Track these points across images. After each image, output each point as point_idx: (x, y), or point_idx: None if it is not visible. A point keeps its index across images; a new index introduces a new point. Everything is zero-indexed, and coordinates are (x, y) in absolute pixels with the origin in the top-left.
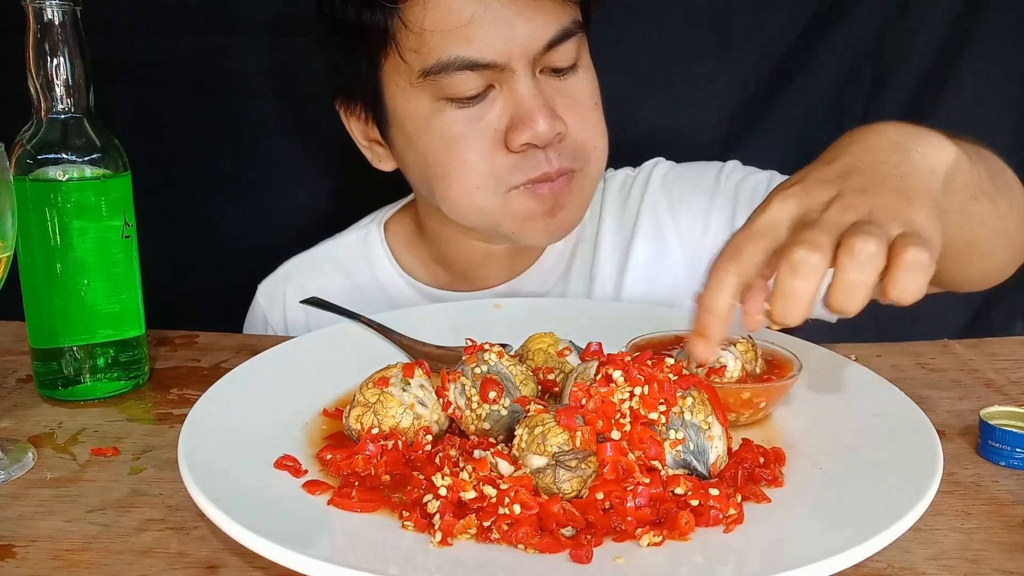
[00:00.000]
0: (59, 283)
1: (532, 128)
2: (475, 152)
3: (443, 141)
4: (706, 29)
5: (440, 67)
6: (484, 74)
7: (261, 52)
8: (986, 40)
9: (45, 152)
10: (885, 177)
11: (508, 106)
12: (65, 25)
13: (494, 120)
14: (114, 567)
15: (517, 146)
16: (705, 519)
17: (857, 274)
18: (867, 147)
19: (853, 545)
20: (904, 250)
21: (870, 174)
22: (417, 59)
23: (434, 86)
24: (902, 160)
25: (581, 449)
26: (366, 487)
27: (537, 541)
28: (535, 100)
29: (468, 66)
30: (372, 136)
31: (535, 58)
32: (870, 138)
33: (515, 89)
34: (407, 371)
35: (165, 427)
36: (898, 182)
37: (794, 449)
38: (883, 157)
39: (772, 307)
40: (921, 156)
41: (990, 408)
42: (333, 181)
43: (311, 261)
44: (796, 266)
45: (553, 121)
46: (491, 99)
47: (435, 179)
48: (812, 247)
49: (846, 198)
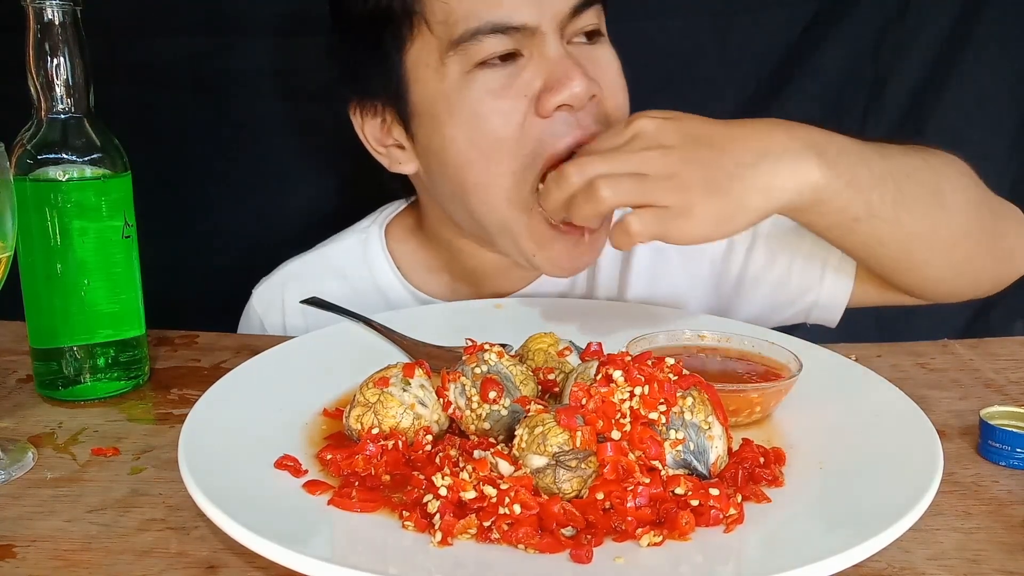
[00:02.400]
0: (59, 283)
1: (569, 87)
2: (509, 119)
3: (475, 112)
4: (706, 29)
5: (471, 34)
6: (514, 37)
7: (261, 52)
8: (986, 40)
9: (45, 152)
10: (714, 167)
11: (540, 71)
12: (65, 25)
13: (525, 85)
14: (114, 567)
15: (551, 109)
16: (705, 519)
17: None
18: (746, 136)
19: (853, 545)
20: (635, 212)
21: (715, 154)
22: (446, 30)
23: (464, 56)
24: (748, 165)
25: (581, 449)
26: (366, 487)
27: (537, 541)
28: (568, 60)
29: (499, 29)
30: (388, 141)
31: (563, 21)
32: (758, 133)
33: (545, 53)
34: (407, 371)
35: (165, 427)
36: (722, 177)
37: (794, 449)
38: (742, 150)
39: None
40: (771, 173)
41: (990, 408)
42: (333, 181)
43: (308, 268)
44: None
45: (589, 81)
46: (521, 65)
47: (467, 164)
48: (588, 166)
49: (666, 155)
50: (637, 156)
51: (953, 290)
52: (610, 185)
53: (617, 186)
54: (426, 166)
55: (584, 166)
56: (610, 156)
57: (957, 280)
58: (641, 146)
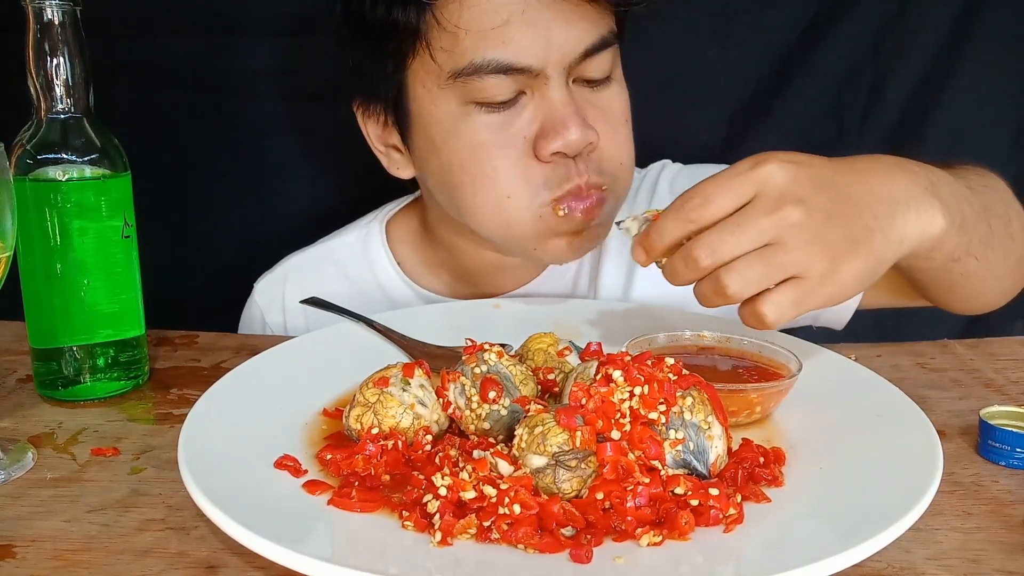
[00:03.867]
0: (59, 283)
1: (564, 136)
2: (504, 160)
3: (470, 147)
4: (706, 29)
5: (473, 69)
6: (517, 79)
7: (261, 52)
8: (986, 40)
9: (45, 152)
10: (856, 221)
11: (539, 113)
12: (65, 25)
13: (523, 127)
14: (114, 567)
15: (547, 155)
16: (705, 519)
17: (707, 290)
18: (871, 186)
19: (853, 545)
20: (768, 296)
21: (847, 210)
22: (448, 59)
23: (464, 89)
24: (885, 216)
25: (581, 449)
26: (366, 487)
27: (537, 541)
28: (568, 108)
29: (502, 69)
30: (389, 141)
31: (570, 66)
32: (882, 178)
33: (547, 96)
34: (407, 371)
35: (165, 427)
36: (863, 232)
37: (794, 449)
38: (872, 203)
39: (667, 262)
40: (904, 223)
41: (990, 408)
42: (333, 181)
43: (310, 262)
44: (703, 252)
45: (585, 130)
46: (521, 105)
47: (460, 186)
48: (723, 247)
49: (810, 215)
50: (771, 220)
51: (991, 307)
52: (739, 277)
53: (747, 276)
54: (421, 175)
55: (716, 248)
56: (744, 225)
57: (1001, 300)
58: (773, 204)
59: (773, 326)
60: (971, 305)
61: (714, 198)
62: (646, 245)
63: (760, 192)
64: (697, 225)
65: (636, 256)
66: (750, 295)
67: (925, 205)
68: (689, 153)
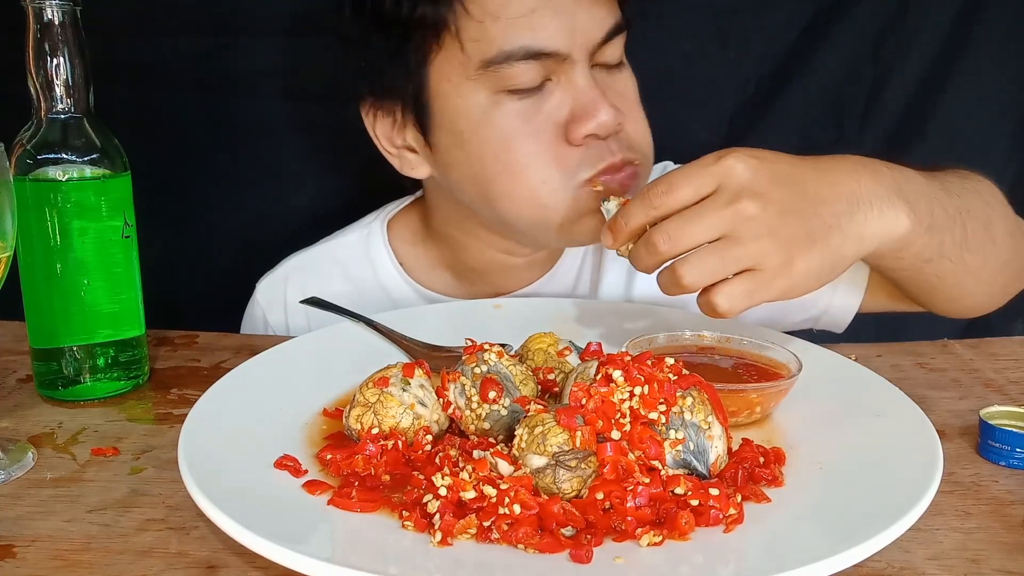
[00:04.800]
0: (59, 283)
1: (596, 118)
2: (536, 146)
3: (502, 137)
4: (706, 29)
5: (504, 57)
6: (545, 64)
7: (261, 52)
8: (986, 40)
9: (45, 152)
10: (813, 217)
11: (567, 97)
12: (65, 25)
13: (553, 112)
14: (114, 567)
15: (580, 138)
16: (705, 519)
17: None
18: (833, 183)
19: (853, 545)
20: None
21: (805, 205)
22: (478, 49)
23: (494, 77)
24: (844, 214)
25: (581, 449)
26: (366, 487)
27: (537, 541)
28: (595, 91)
29: (531, 55)
30: (400, 143)
31: (593, 49)
32: (845, 177)
33: (573, 80)
34: (407, 371)
35: (165, 427)
36: (820, 228)
37: (794, 449)
38: (832, 200)
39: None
40: (864, 221)
41: (990, 408)
42: (333, 181)
43: (311, 261)
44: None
45: (615, 111)
46: (548, 91)
47: (494, 177)
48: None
49: (766, 208)
50: (730, 211)
51: (978, 311)
52: (694, 269)
53: (701, 267)
54: (444, 172)
55: (674, 235)
56: (702, 215)
57: (988, 304)
58: (732, 196)
59: (727, 315)
60: (954, 307)
61: (678, 187)
62: (613, 228)
63: (721, 185)
64: (660, 212)
65: (604, 239)
66: (704, 285)
67: (888, 205)
68: (689, 153)
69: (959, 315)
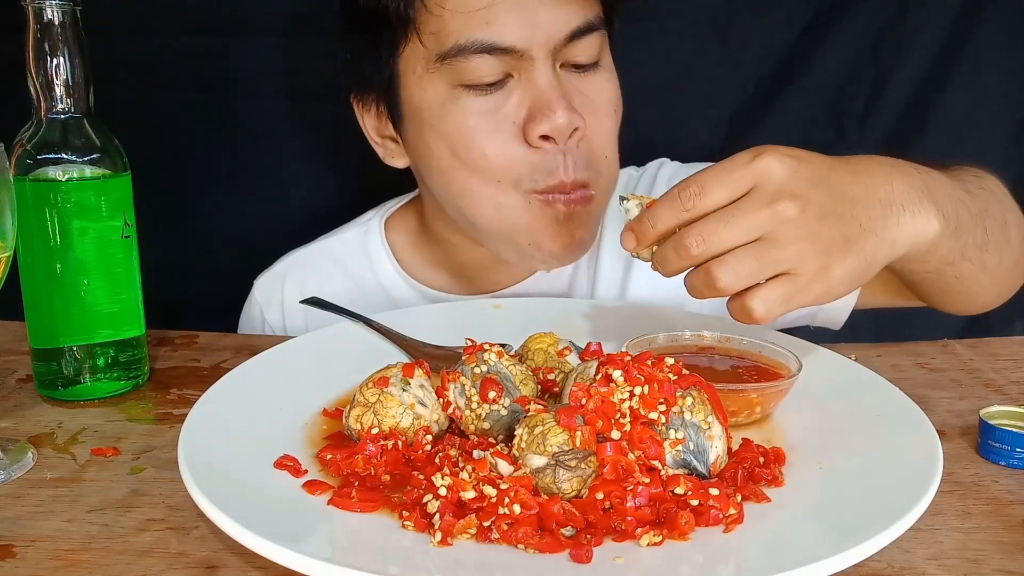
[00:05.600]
0: (59, 283)
1: (551, 119)
2: (493, 144)
3: (459, 131)
4: (706, 29)
5: (457, 50)
6: (502, 59)
7: (261, 52)
8: (986, 40)
9: (45, 152)
10: (850, 220)
11: (526, 96)
12: (65, 25)
13: (512, 111)
14: (114, 567)
15: (535, 138)
16: (705, 519)
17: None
18: (867, 186)
19: (853, 545)
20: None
21: (842, 208)
22: (435, 42)
23: (451, 71)
24: (879, 218)
25: (581, 449)
26: (366, 487)
27: (537, 541)
28: (554, 91)
29: (485, 49)
30: (385, 132)
31: (556, 48)
32: (878, 180)
33: (534, 79)
34: (407, 371)
35: (165, 427)
36: (856, 232)
37: (794, 449)
38: (867, 203)
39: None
40: (898, 225)
41: (990, 408)
42: (333, 181)
43: (309, 259)
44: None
45: (571, 114)
46: (509, 88)
47: (451, 171)
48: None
49: (805, 211)
50: (766, 214)
51: (987, 308)
52: (731, 271)
53: (738, 270)
54: (414, 164)
55: (708, 237)
56: (738, 217)
57: (997, 301)
58: (770, 197)
59: (761, 321)
60: (966, 306)
61: (711, 188)
62: (638, 231)
63: (757, 185)
64: (691, 214)
65: (625, 241)
66: (740, 289)
67: (920, 209)
68: (689, 153)
69: (968, 313)
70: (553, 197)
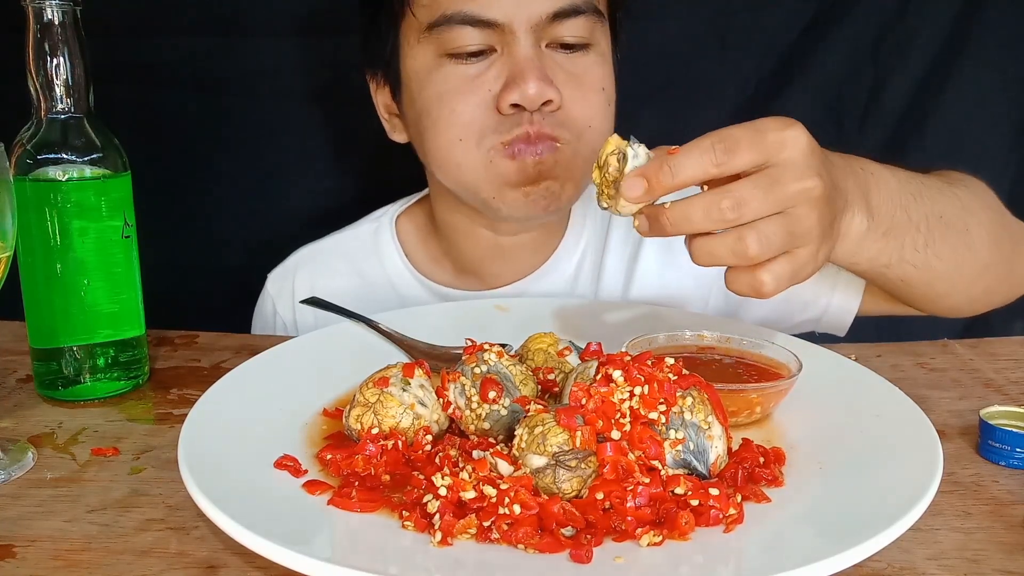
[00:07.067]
0: (59, 283)
1: (521, 88)
2: (464, 105)
3: (438, 95)
4: (706, 29)
5: (444, 19)
6: (485, 32)
7: (261, 52)
8: (985, 40)
9: (45, 152)
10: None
11: (505, 69)
12: (65, 25)
13: (489, 81)
14: (114, 567)
15: (506, 106)
16: (705, 519)
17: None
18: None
19: (853, 545)
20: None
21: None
22: (426, 13)
23: (437, 40)
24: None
25: (581, 449)
26: (366, 487)
27: (537, 541)
28: (530, 63)
29: (469, 21)
30: (393, 108)
31: (538, 25)
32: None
33: (514, 52)
34: (407, 371)
35: (165, 427)
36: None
37: (794, 449)
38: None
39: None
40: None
41: (990, 408)
42: (333, 181)
43: (321, 253)
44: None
45: (544, 86)
46: (491, 60)
47: (425, 131)
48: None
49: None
50: (798, 187)
51: (962, 312)
52: (762, 239)
53: (769, 241)
54: (407, 131)
55: (745, 202)
56: (773, 188)
57: (973, 306)
58: (801, 172)
59: (767, 295)
60: (933, 307)
61: (743, 149)
62: (653, 179)
63: (788, 157)
64: (720, 171)
65: (633, 187)
66: (766, 259)
67: (856, 206)
68: None
69: (943, 314)
70: (519, 149)
